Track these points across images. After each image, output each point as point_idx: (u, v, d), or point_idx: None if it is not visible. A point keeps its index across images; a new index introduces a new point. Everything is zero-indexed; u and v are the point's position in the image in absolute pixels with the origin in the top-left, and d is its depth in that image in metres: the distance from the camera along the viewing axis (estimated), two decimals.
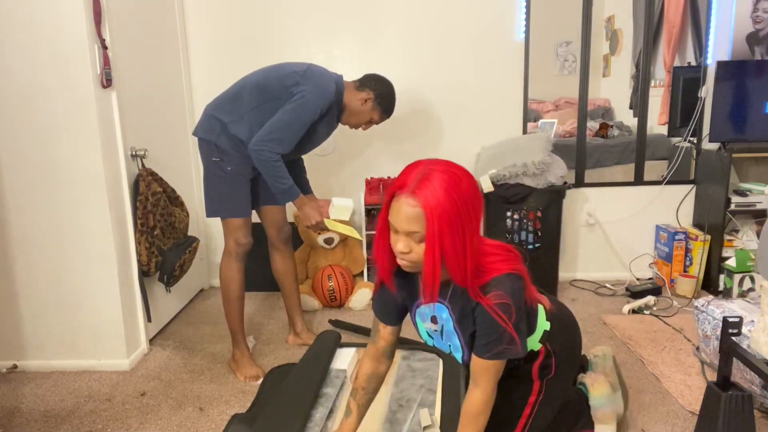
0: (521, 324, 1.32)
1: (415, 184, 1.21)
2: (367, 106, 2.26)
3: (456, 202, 1.20)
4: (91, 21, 2.12)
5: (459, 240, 1.21)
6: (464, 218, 1.21)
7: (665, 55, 3.27)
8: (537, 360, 1.46)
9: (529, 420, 1.51)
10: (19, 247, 2.27)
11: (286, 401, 1.84)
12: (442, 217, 1.18)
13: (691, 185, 3.27)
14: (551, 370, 1.48)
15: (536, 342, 1.45)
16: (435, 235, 1.19)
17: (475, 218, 1.23)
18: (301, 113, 2.09)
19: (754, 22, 3.03)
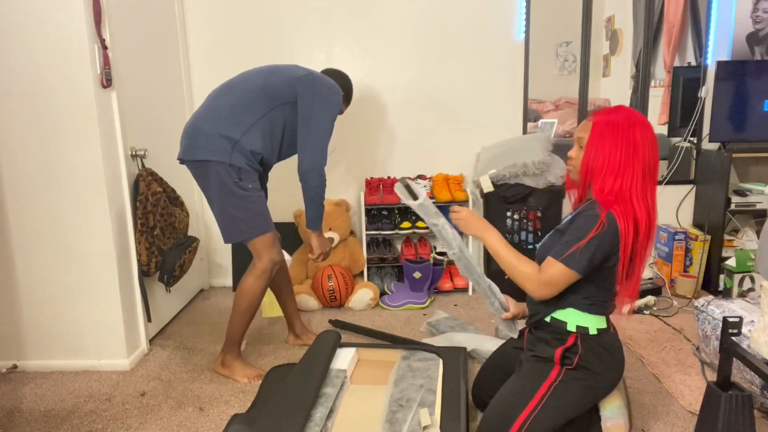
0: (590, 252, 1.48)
1: (602, 109, 1.54)
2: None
3: (622, 130, 1.48)
4: (91, 21, 2.12)
5: (611, 161, 1.48)
6: (622, 149, 1.47)
7: (665, 55, 3.27)
8: (563, 345, 1.59)
9: (539, 404, 1.55)
10: (19, 247, 2.27)
11: (286, 401, 1.84)
12: (606, 128, 1.49)
13: (691, 185, 3.27)
14: (573, 362, 1.58)
15: (574, 324, 1.59)
16: (593, 143, 1.50)
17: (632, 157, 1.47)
18: (333, 114, 2.15)
19: (754, 22, 3.03)
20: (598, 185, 1.51)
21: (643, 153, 1.49)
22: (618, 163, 1.49)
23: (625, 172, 1.49)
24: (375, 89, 3.24)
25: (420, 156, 3.31)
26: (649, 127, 1.52)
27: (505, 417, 1.57)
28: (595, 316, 1.60)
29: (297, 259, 3.20)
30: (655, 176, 1.54)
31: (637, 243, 1.51)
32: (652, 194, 1.54)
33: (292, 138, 2.23)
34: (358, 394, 1.96)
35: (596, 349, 1.59)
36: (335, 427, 1.77)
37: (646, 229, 1.51)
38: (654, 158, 1.52)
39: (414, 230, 3.14)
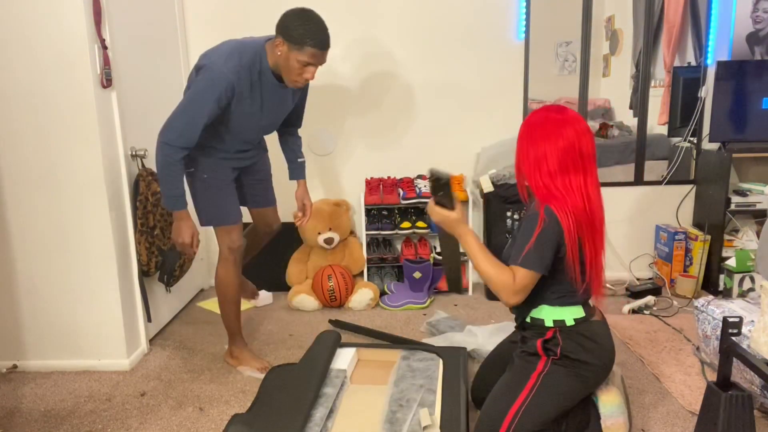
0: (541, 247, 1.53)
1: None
2: (284, 53, 1.93)
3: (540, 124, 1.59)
4: (91, 21, 2.12)
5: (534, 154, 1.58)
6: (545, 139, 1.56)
7: (665, 55, 3.27)
8: (542, 337, 1.64)
9: (529, 395, 1.58)
10: (19, 247, 2.27)
11: (286, 401, 1.84)
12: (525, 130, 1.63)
13: (691, 185, 3.27)
14: (556, 353, 1.61)
15: (550, 319, 1.63)
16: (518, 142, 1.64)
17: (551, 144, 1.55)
18: (195, 100, 1.92)
19: (754, 22, 3.03)
20: (531, 183, 1.60)
21: (564, 144, 1.54)
22: (538, 160, 1.57)
23: (547, 166, 1.56)
24: (375, 89, 3.24)
25: (420, 156, 3.31)
26: (568, 120, 1.57)
27: (497, 412, 1.60)
28: (569, 308, 1.64)
29: (297, 259, 3.20)
30: (589, 164, 1.58)
31: (582, 232, 1.55)
32: (587, 182, 1.58)
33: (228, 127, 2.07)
34: (358, 394, 1.96)
35: (577, 338, 1.62)
36: (335, 427, 1.77)
37: (587, 218, 1.55)
38: (580, 147, 1.55)
39: (414, 230, 3.13)
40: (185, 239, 2.07)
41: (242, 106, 2.01)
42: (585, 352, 1.61)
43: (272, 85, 2.04)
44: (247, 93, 1.99)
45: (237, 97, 1.97)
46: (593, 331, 1.64)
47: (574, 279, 1.59)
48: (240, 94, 1.97)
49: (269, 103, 2.09)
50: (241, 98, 1.99)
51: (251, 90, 2.00)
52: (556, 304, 1.64)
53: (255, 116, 2.08)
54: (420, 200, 3.10)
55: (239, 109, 2.01)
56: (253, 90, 2.00)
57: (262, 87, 2.02)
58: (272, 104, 2.10)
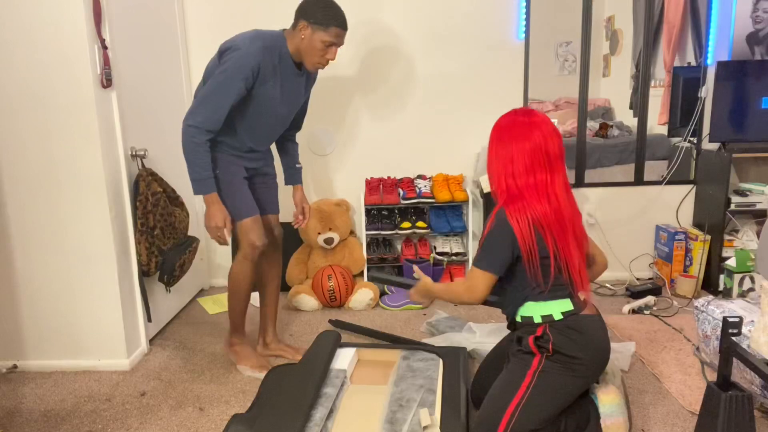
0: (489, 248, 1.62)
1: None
2: (308, 36, 2.02)
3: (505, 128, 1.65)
4: (91, 21, 2.12)
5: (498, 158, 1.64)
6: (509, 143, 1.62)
7: (665, 55, 3.27)
8: (533, 334, 1.64)
9: (526, 393, 1.59)
10: (19, 247, 2.27)
11: (286, 401, 1.84)
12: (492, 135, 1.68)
13: (691, 185, 3.27)
14: (548, 349, 1.61)
15: (538, 315, 1.64)
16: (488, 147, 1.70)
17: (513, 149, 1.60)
18: (223, 81, 1.95)
19: (754, 22, 3.03)
20: (496, 185, 1.66)
21: (531, 146, 1.59)
22: (506, 161, 1.62)
23: (513, 167, 1.60)
24: (375, 89, 3.24)
25: (420, 156, 3.31)
26: (535, 122, 1.62)
27: (495, 411, 1.60)
28: (555, 302, 1.64)
29: (297, 259, 3.20)
30: (556, 164, 1.63)
31: (549, 236, 1.57)
32: (555, 182, 1.61)
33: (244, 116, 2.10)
34: (358, 394, 1.96)
35: (567, 332, 1.61)
36: (335, 427, 1.77)
37: (554, 217, 1.58)
38: (546, 148, 1.60)
39: (414, 230, 3.13)
40: (218, 222, 2.07)
41: (265, 89, 2.04)
42: (576, 346, 1.60)
43: (291, 71, 2.10)
44: (270, 75, 2.03)
45: (261, 79, 2.01)
46: (583, 324, 1.63)
47: (534, 276, 1.62)
48: (264, 75, 2.01)
49: (287, 90, 2.12)
50: (264, 80, 2.02)
51: (273, 73, 2.04)
52: (540, 299, 1.64)
53: (274, 102, 2.10)
54: (420, 200, 3.10)
55: (261, 92, 2.04)
56: (275, 73, 2.04)
57: (282, 71, 2.07)
58: (290, 92, 2.13)
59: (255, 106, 2.07)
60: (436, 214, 3.21)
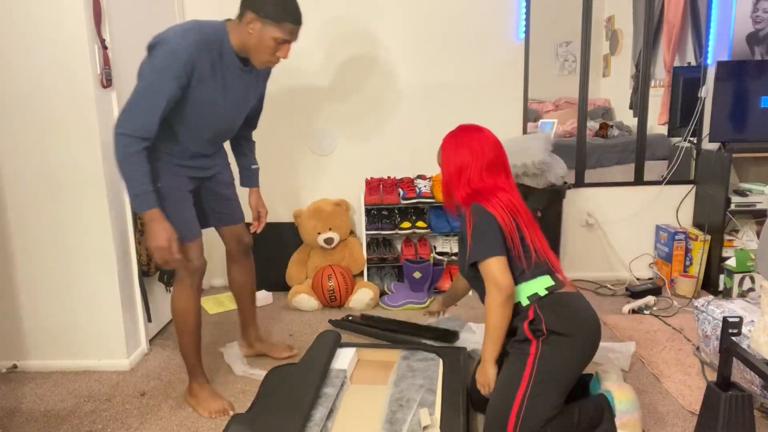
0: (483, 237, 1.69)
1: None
2: (256, 31, 1.76)
3: (444, 144, 1.86)
4: (91, 21, 2.12)
5: (447, 168, 1.83)
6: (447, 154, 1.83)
7: (665, 55, 3.27)
8: (527, 320, 1.69)
9: (530, 383, 1.61)
10: (19, 247, 2.27)
11: (286, 401, 1.84)
12: (442, 149, 1.86)
13: (691, 185, 3.27)
14: (542, 332, 1.66)
15: (525, 298, 1.71)
16: (440, 161, 1.87)
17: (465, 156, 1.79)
18: (152, 82, 1.70)
19: (754, 22, 3.03)
20: (455, 194, 1.81)
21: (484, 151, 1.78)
22: (456, 171, 1.80)
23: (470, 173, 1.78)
24: (375, 89, 3.24)
25: (420, 156, 3.30)
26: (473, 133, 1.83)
27: (503, 408, 1.62)
28: (535, 280, 1.72)
29: (297, 259, 3.20)
30: (500, 166, 1.81)
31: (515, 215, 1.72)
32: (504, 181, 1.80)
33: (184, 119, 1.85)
34: (358, 394, 1.96)
35: (556, 308, 1.68)
36: (335, 427, 1.77)
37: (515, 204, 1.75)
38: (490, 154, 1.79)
39: (414, 230, 3.13)
40: (161, 242, 1.77)
41: (203, 89, 1.79)
42: (566, 322, 1.66)
43: (235, 68, 1.85)
44: (209, 73, 1.78)
45: (198, 78, 1.76)
46: (567, 300, 1.71)
47: (526, 253, 1.72)
48: (201, 74, 1.76)
49: (232, 90, 1.87)
50: (201, 79, 1.77)
51: (212, 71, 1.79)
52: (522, 280, 1.72)
53: (216, 105, 1.85)
54: (420, 200, 3.10)
55: (199, 93, 1.79)
56: (214, 71, 1.79)
57: (224, 69, 1.82)
58: (235, 91, 1.89)
59: (194, 107, 1.82)
60: (436, 214, 3.21)
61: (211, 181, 2.08)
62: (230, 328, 2.78)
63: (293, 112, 3.26)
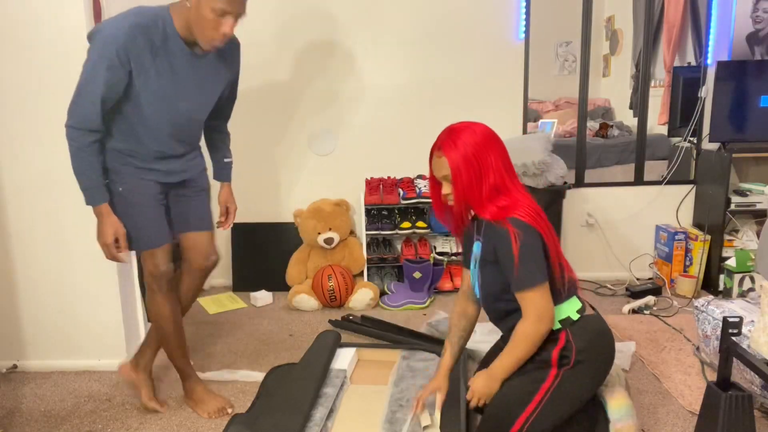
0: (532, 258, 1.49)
1: (442, 141, 1.58)
2: (194, 4, 1.61)
3: (469, 142, 1.53)
4: (91, 21, 2.12)
5: (475, 175, 1.52)
6: (479, 157, 1.52)
7: (665, 55, 3.28)
8: (557, 345, 1.55)
9: (538, 407, 1.54)
10: (19, 247, 2.27)
11: (286, 401, 1.84)
12: (458, 153, 1.52)
13: (691, 185, 3.27)
14: (570, 361, 1.54)
15: (556, 321, 1.56)
16: (456, 171, 1.53)
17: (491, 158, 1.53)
18: (88, 71, 1.62)
19: (754, 22, 3.03)
20: (480, 207, 1.54)
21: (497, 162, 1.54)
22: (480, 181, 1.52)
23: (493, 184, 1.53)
24: (375, 89, 3.24)
25: (420, 156, 3.29)
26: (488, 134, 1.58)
27: (503, 420, 1.57)
28: (567, 303, 1.59)
29: (297, 259, 3.20)
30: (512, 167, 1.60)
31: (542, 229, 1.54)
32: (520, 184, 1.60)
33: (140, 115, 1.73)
34: (358, 394, 1.96)
35: (586, 335, 1.57)
36: (335, 427, 1.77)
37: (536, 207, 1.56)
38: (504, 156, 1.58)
39: (414, 230, 3.13)
40: (107, 239, 1.73)
41: (148, 80, 1.67)
42: (593, 348, 1.57)
43: (183, 54, 1.70)
44: (150, 62, 1.65)
45: (138, 68, 1.63)
46: (594, 325, 1.61)
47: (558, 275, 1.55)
48: (140, 63, 1.63)
49: (183, 78, 1.73)
50: (142, 69, 1.64)
51: (154, 58, 1.65)
52: (557, 302, 1.57)
53: (168, 97, 1.72)
54: (420, 200, 3.10)
55: (145, 82, 1.66)
56: (157, 59, 1.65)
57: (169, 56, 1.67)
58: (187, 79, 1.74)
59: (145, 100, 1.70)
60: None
61: (181, 187, 1.92)
62: (230, 328, 2.78)
63: (293, 112, 3.26)
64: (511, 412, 1.56)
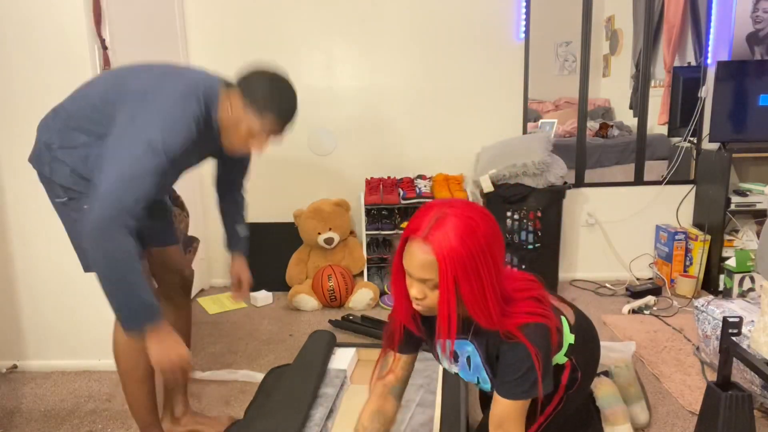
0: (547, 369, 1.27)
1: (428, 229, 1.15)
2: (237, 111, 1.46)
3: (471, 248, 1.14)
4: (91, 21, 2.12)
5: (477, 286, 1.16)
6: (481, 264, 1.15)
7: (665, 55, 3.28)
8: (563, 374, 1.41)
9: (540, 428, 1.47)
10: (19, 246, 2.27)
11: (286, 401, 1.84)
12: (456, 265, 1.13)
13: (691, 185, 3.27)
14: (576, 383, 1.43)
15: (562, 356, 1.41)
16: (449, 283, 1.14)
17: (494, 264, 1.17)
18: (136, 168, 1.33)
19: (754, 22, 3.03)
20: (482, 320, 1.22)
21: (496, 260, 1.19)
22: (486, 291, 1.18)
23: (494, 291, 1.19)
24: (375, 89, 3.24)
25: (420, 156, 3.31)
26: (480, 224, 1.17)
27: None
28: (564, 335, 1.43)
29: (297, 259, 3.20)
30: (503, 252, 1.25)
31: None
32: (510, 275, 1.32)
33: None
34: (358, 394, 1.96)
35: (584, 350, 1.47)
36: (335, 427, 1.77)
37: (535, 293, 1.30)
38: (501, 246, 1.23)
39: None
40: (182, 352, 1.42)
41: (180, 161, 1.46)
42: (592, 358, 1.52)
43: (214, 139, 1.54)
44: (192, 148, 1.46)
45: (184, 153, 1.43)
46: (587, 333, 1.52)
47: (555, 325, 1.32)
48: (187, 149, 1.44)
49: (200, 154, 1.62)
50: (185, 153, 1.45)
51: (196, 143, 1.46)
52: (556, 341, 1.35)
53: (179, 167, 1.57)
54: (420, 200, 3.10)
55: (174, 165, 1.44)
56: (198, 142, 1.47)
57: (204, 139, 1.49)
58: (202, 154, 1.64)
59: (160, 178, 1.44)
60: None
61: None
62: (230, 328, 2.78)
63: None
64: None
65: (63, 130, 1.49)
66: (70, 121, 1.48)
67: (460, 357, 1.41)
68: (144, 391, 1.66)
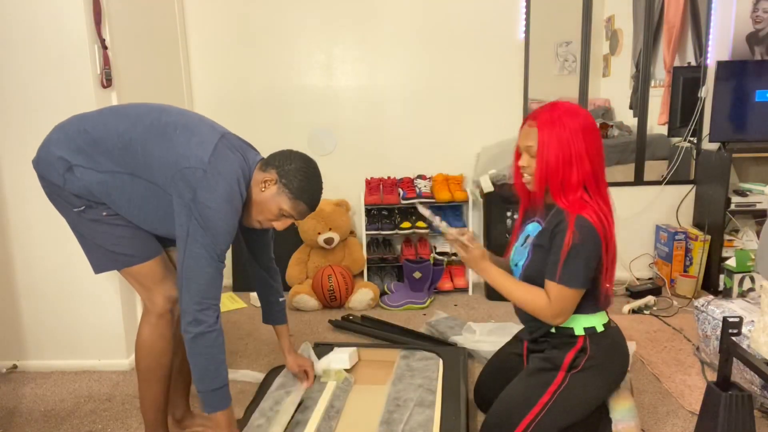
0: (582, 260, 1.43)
1: (539, 111, 1.49)
2: (270, 192, 1.54)
3: (568, 125, 1.43)
4: (91, 21, 2.12)
5: (564, 156, 1.43)
6: (573, 143, 1.43)
7: (665, 55, 3.27)
8: (573, 348, 1.55)
9: (543, 410, 1.53)
10: (19, 246, 2.27)
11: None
12: (552, 130, 1.43)
13: (691, 185, 3.27)
14: (580, 364, 1.54)
15: (580, 327, 1.55)
16: (544, 144, 1.44)
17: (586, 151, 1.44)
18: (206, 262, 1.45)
19: (754, 22, 3.03)
20: (558, 193, 1.47)
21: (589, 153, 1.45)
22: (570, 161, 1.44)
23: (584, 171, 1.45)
24: (375, 89, 3.24)
25: (420, 156, 3.31)
26: (589, 124, 1.47)
27: (507, 421, 1.56)
28: (598, 314, 1.59)
29: (297, 259, 3.19)
30: (603, 161, 1.51)
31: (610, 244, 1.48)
32: (604, 182, 1.52)
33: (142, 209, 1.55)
34: (358, 394, 1.96)
35: (605, 345, 1.57)
36: (339, 427, 1.77)
37: (611, 218, 1.49)
38: (598, 146, 1.48)
39: (414, 230, 3.13)
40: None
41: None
42: (609, 360, 1.57)
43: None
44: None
45: None
46: (618, 337, 1.61)
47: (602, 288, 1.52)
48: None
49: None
50: None
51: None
52: (590, 311, 1.56)
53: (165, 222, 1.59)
54: (420, 200, 3.10)
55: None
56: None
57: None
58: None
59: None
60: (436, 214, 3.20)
61: None
62: (230, 328, 2.78)
63: (293, 112, 3.26)
64: (515, 412, 1.55)
65: (90, 154, 1.51)
66: (98, 147, 1.51)
67: (522, 236, 1.66)
68: (160, 391, 1.69)
